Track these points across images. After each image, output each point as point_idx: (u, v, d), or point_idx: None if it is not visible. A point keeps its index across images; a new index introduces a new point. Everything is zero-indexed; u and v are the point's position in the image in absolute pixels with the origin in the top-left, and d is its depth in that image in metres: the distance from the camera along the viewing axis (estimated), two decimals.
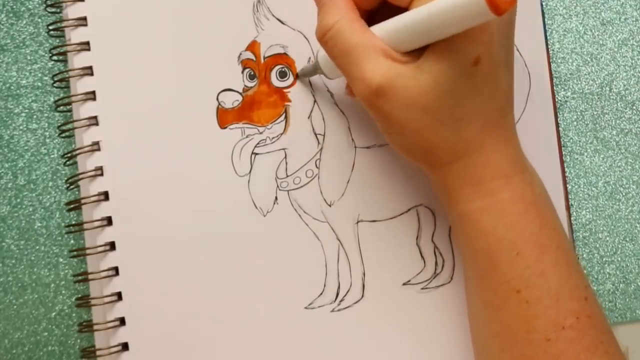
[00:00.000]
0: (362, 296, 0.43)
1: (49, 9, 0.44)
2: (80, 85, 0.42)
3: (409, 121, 0.35)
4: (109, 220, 0.42)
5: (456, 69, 0.34)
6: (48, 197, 0.44)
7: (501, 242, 0.36)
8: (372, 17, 0.37)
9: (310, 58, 0.44)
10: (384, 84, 0.34)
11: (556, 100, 0.46)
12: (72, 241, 0.44)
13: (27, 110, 0.44)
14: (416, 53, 0.35)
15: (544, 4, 0.46)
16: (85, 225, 0.42)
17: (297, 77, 0.43)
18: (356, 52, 0.35)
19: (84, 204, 0.42)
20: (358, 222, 0.44)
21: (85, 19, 0.42)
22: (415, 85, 0.34)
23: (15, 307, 0.43)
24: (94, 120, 0.42)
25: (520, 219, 0.36)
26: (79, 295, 0.43)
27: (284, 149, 0.43)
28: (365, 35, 0.35)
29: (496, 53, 0.35)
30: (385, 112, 0.35)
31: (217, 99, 0.43)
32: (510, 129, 0.37)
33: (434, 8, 0.32)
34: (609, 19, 0.48)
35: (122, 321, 0.42)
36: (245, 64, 0.43)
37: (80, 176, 0.42)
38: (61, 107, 0.44)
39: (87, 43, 0.42)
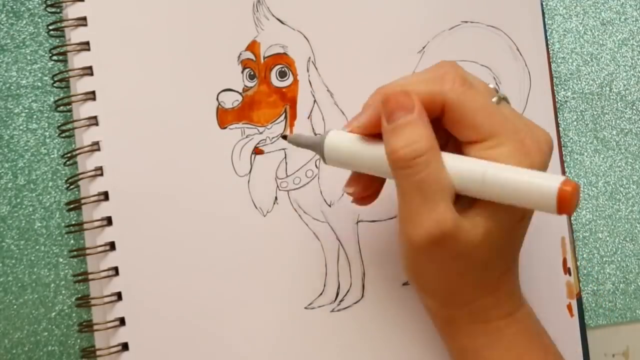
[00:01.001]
0: (362, 296, 0.43)
1: (49, 9, 0.44)
2: (80, 85, 0.42)
3: (447, 268, 0.35)
4: (109, 220, 0.42)
5: (505, 226, 0.34)
6: (48, 197, 0.44)
7: None
8: None
9: (310, 58, 0.44)
10: (449, 232, 0.33)
11: (556, 100, 0.46)
12: (72, 241, 0.44)
13: (27, 110, 0.44)
14: (467, 199, 0.34)
15: (544, 4, 0.46)
16: (85, 225, 0.42)
17: (285, 137, 0.39)
18: (435, 188, 0.33)
19: (84, 204, 0.42)
20: (358, 222, 0.44)
21: (85, 19, 0.42)
22: (468, 239, 0.34)
23: (15, 307, 0.43)
24: (93, 120, 0.42)
25: (526, 350, 0.37)
26: (79, 295, 0.43)
27: (283, 149, 0.43)
28: (444, 174, 0.33)
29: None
30: (434, 259, 0.34)
31: (217, 99, 0.43)
32: (517, 271, 0.38)
33: (510, 176, 0.33)
34: (609, 19, 0.48)
35: (122, 321, 0.42)
36: (245, 64, 0.43)
37: (80, 176, 0.42)
38: (61, 107, 0.44)
39: (87, 43, 0.42)
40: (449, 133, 0.36)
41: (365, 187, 0.38)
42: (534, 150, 0.34)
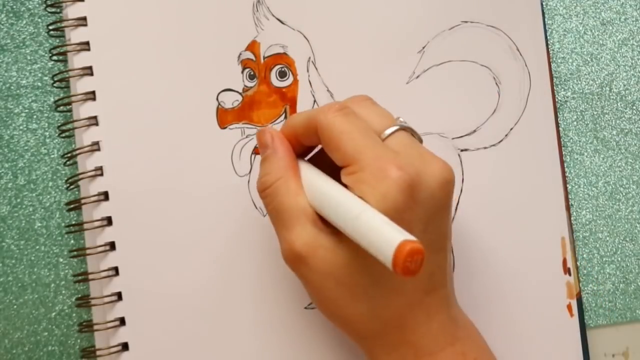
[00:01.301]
0: None
1: (49, 9, 0.44)
2: (80, 85, 0.42)
3: (326, 290, 0.35)
4: (109, 220, 0.42)
5: None
6: (48, 197, 0.44)
7: None
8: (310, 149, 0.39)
9: (310, 58, 0.44)
10: (305, 252, 0.35)
11: (556, 100, 0.46)
12: (72, 241, 0.44)
13: (27, 110, 0.44)
14: None
15: (544, 4, 0.46)
16: (85, 225, 0.42)
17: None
18: (287, 215, 0.36)
19: (84, 204, 0.42)
20: None
21: (85, 19, 0.42)
22: (332, 258, 0.35)
23: (15, 307, 0.43)
24: (93, 120, 0.42)
25: None
26: (79, 295, 0.43)
27: None
28: (298, 199, 0.36)
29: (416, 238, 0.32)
30: (304, 276, 0.36)
31: (217, 99, 0.43)
32: (435, 305, 0.36)
33: (354, 215, 0.32)
34: (609, 19, 0.48)
35: (122, 321, 0.42)
36: (245, 64, 0.43)
37: (80, 176, 0.42)
38: (61, 107, 0.44)
39: (87, 43, 0.42)
40: None
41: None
42: (393, 176, 0.33)
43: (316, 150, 0.39)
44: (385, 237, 0.30)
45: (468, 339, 0.37)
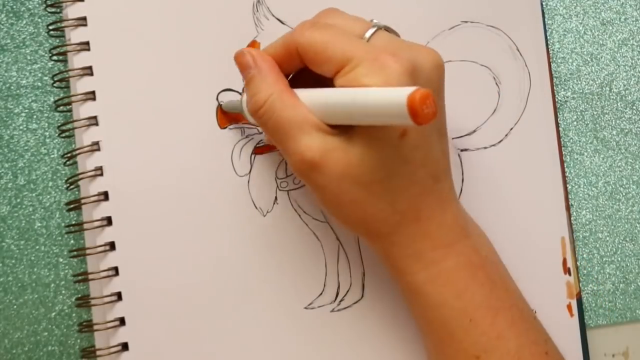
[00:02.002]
0: (362, 296, 0.43)
1: (49, 9, 0.44)
2: (80, 85, 0.42)
3: (343, 193, 0.35)
4: (109, 220, 0.42)
5: (383, 142, 0.34)
6: (48, 197, 0.44)
7: (453, 311, 0.36)
8: (295, 78, 0.38)
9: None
10: (317, 158, 0.35)
11: (556, 100, 0.46)
12: (72, 241, 0.44)
13: (27, 110, 0.44)
14: (347, 125, 0.35)
15: (544, 4, 0.46)
16: (85, 225, 0.42)
17: (220, 107, 0.43)
18: (290, 127, 0.35)
19: (84, 204, 0.42)
20: None
21: (85, 19, 0.42)
22: (345, 158, 0.34)
23: (15, 307, 0.43)
24: (93, 120, 0.42)
25: (468, 285, 0.36)
26: (79, 295, 0.43)
27: None
28: (297, 110, 0.35)
29: None
30: (320, 184, 0.35)
31: (217, 99, 0.43)
32: (446, 195, 0.37)
33: (359, 98, 0.32)
34: (609, 19, 0.48)
35: (122, 321, 0.42)
36: None
37: (80, 176, 0.42)
38: (61, 107, 0.44)
39: (87, 43, 0.42)
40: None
41: None
42: (390, 63, 0.33)
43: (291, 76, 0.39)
44: (393, 97, 0.31)
45: (479, 236, 0.38)
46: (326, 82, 0.36)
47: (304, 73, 0.37)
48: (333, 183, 0.35)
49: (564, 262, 0.45)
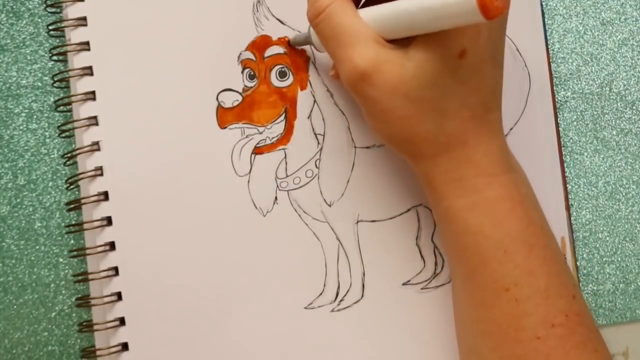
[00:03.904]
0: (362, 296, 0.43)
1: (49, 9, 0.44)
2: (80, 85, 0.42)
3: (393, 108, 0.35)
4: (109, 220, 0.42)
5: (441, 59, 0.34)
6: (48, 197, 0.44)
7: (489, 240, 0.36)
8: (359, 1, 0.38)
9: (310, 58, 0.44)
10: (370, 68, 0.34)
11: (556, 100, 0.46)
12: (72, 241, 0.44)
13: (27, 110, 0.44)
14: (406, 41, 0.35)
15: (544, 4, 0.46)
16: (85, 225, 0.42)
17: (289, 44, 0.43)
18: (347, 35, 0.35)
19: (84, 204, 0.42)
20: (358, 222, 0.44)
21: (85, 19, 0.42)
22: (400, 72, 0.34)
23: (15, 307, 0.43)
24: (94, 120, 0.42)
25: (507, 217, 0.36)
26: (79, 295, 0.43)
27: (283, 149, 0.43)
28: (356, 19, 0.35)
29: (483, 47, 0.35)
30: (370, 96, 0.35)
31: (217, 98, 0.43)
32: (494, 126, 0.37)
33: (425, 2, 0.32)
34: (609, 19, 0.48)
35: (122, 321, 0.42)
36: (245, 64, 0.43)
37: (80, 176, 0.42)
38: (61, 107, 0.44)
39: (87, 43, 0.42)
40: None
41: None
42: None
43: None
44: None
45: (521, 173, 0.38)
46: None
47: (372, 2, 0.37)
48: (384, 97, 0.35)
49: None
